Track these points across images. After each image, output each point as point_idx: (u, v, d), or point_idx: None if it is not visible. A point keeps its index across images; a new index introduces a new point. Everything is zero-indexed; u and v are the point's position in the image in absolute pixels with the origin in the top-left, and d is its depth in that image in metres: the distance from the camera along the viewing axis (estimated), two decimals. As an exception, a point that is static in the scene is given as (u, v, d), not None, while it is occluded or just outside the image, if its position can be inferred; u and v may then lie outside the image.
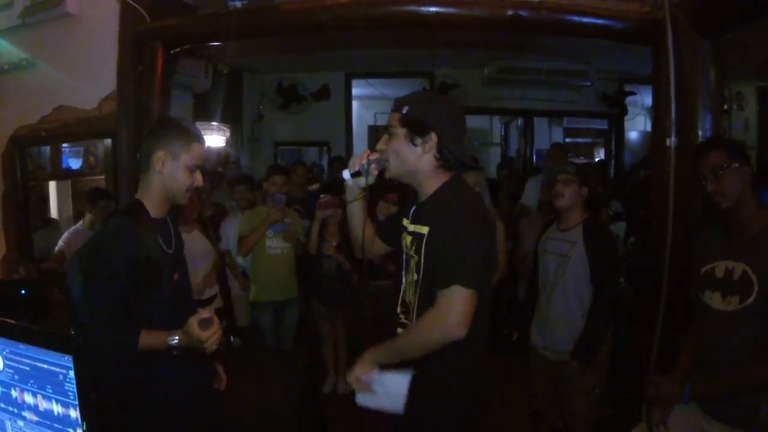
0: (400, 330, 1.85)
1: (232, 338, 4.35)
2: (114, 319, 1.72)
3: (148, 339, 1.74)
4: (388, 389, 1.73)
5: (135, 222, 1.81)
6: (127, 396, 1.85)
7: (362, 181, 1.83)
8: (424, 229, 1.74)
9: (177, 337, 1.73)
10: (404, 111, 1.75)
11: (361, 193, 1.92)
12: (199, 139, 1.91)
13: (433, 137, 1.72)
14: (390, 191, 3.70)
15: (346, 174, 1.84)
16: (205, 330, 1.71)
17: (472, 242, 1.63)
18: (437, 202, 1.76)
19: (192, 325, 1.71)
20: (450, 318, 1.58)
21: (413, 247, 1.78)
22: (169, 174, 1.86)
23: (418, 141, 1.72)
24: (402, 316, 1.86)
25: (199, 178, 1.91)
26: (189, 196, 1.94)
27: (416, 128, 1.72)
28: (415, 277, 1.76)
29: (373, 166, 1.79)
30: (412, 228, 1.81)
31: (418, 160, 1.74)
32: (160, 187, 1.88)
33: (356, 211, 1.99)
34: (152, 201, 1.89)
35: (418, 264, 1.75)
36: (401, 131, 1.74)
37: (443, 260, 1.64)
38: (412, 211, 1.86)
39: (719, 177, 1.97)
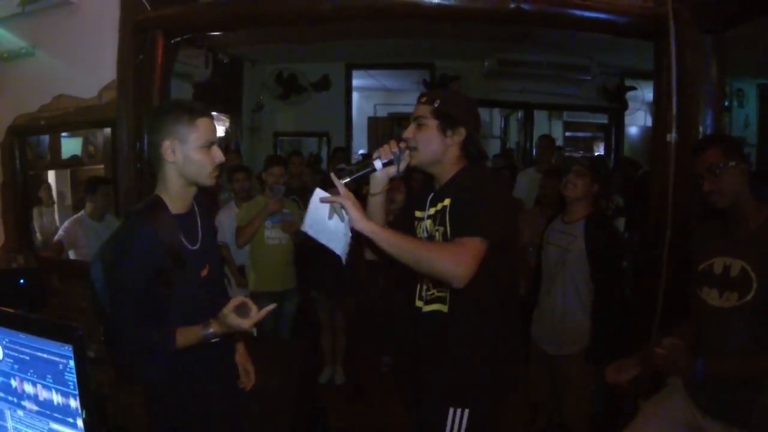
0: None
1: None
2: (143, 319, 1.68)
3: (185, 337, 1.71)
4: (337, 230, 1.79)
5: (152, 222, 1.72)
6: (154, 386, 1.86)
7: (393, 170, 1.87)
8: (446, 201, 1.85)
9: (212, 329, 1.71)
10: (436, 104, 1.85)
11: (386, 186, 1.94)
12: (203, 113, 1.79)
13: (463, 131, 1.86)
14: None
15: (378, 163, 1.84)
16: (244, 317, 1.68)
17: (498, 199, 1.80)
18: (457, 181, 1.88)
19: (229, 316, 1.67)
20: (461, 266, 1.64)
21: (435, 224, 1.87)
22: (183, 161, 1.75)
23: (449, 133, 1.86)
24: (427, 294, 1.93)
25: (218, 154, 1.80)
26: (216, 175, 1.83)
27: (449, 121, 1.85)
28: None
29: (406, 153, 1.85)
30: (431, 211, 1.92)
31: (445, 150, 1.88)
32: (179, 177, 1.78)
33: (379, 204, 1.99)
34: (171, 195, 1.80)
35: (443, 235, 1.83)
36: (433, 123, 1.86)
37: (469, 213, 1.73)
38: (429, 198, 1.95)
39: (716, 176, 1.97)
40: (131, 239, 1.70)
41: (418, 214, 2.00)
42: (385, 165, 1.84)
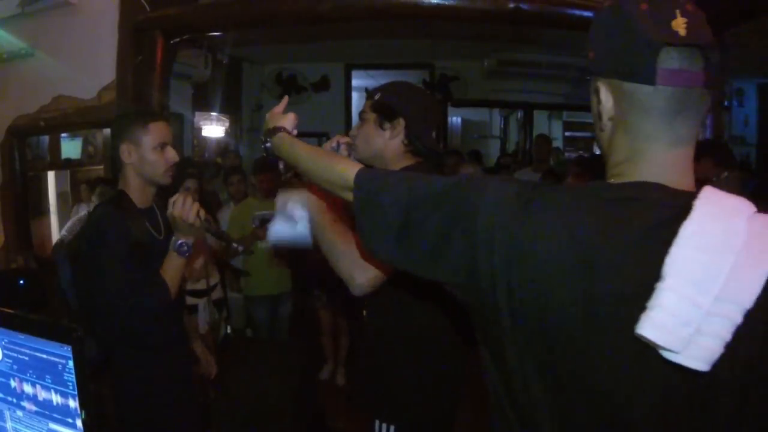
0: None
1: (247, 330, 4.40)
2: (136, 284, 1.80)
3: (167, 271, 1.86)
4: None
5: (121, 209, 1.89)
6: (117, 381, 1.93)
7: None
8: None
9: (176, 238, 1.85)
10: (376, 97, 1.77)
11: None
12: (155, 117, 1.96)
13: (401, 122, 1.72)
14: None
15: None
16: (174, 207, 1.80)
17: None
18: None
19: (169, 214, 1.83)
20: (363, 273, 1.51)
21: None
22: (138, 161, 1.92)
23: (387, 125, 1.73)
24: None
25: (171, 154, 1.94)
26: (171, 174, 1.98)
27: (385, 113, 1.73)
28: None
29: (342, 147, 1.74)
30: None
31: (385, 144, 1.75)
32: (136, 176, 1.95)
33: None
34: (133, 191, 1.96)
35: None
36: (371, 116, 1.75)
37: None
38: None
39: None
40: (105, 225, 1.84)
41: None
42: None
